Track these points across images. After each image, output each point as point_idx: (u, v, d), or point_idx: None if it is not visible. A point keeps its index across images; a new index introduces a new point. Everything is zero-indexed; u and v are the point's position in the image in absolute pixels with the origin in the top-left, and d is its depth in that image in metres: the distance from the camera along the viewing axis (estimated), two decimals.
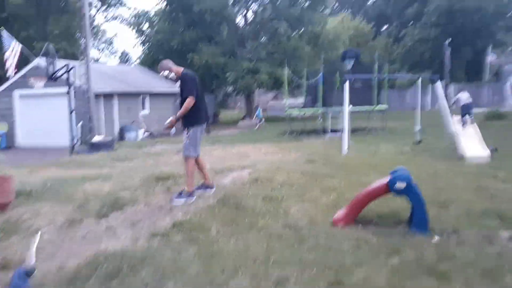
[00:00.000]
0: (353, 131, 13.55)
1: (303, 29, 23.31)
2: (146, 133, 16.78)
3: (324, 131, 13.50)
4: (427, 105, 28.62)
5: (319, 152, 9.31)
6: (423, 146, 9.69)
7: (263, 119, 20.00)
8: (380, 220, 4.22)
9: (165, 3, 23.54)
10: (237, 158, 8.69)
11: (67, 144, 11.96)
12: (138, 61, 31.00)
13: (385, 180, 4.05)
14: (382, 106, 14.03)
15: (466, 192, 5.40)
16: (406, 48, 31.07)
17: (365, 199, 4.11)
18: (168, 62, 5.07)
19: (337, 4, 41.73)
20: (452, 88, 27.36)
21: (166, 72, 4.98)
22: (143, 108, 18.03)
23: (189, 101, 4.75)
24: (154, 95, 18.48)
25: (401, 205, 4.32)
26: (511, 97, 25.55)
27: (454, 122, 9.10)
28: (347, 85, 9.77)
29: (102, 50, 31.06)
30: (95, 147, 11.55)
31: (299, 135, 13.71)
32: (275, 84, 21.94)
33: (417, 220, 3.92)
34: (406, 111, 19.45)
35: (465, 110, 9.89)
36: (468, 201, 4.89)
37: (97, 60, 30.95)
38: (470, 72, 29.52)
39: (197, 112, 4.88)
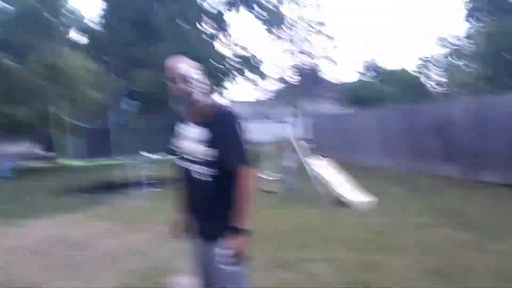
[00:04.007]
0: (168, 182, 11.44)
1: (30, 61, 18.80)
2: None
3: (130, 186, 10.61)
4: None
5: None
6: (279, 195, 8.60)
7: None
8: None
9: None
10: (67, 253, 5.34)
11: None
12: None
13: None
14: None
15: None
16: (142, 91, 30.06)
17: None
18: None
19: None
20: None
21: (189, 72, 2.16)
22: None
23: (252, 177, 2.11)
24: None
25: None
26: None
27: (313, 164, 8.47)
28: None
29: None
30: None
31: (91, 194, 10.28)
32: (11, 127, 16.71)
33: None
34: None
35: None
36: None
37: None
38: None
39: None
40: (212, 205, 2.16)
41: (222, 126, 2.12)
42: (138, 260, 4.71)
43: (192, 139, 2.18)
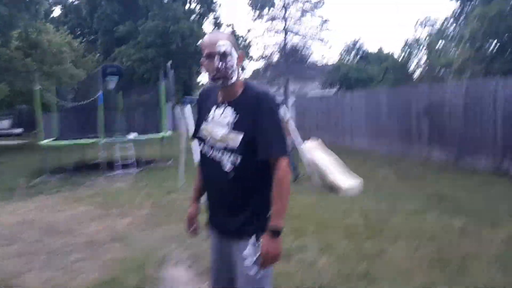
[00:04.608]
0: (148, 163, 11.12)
1: (13, 36, 17.94)
2: None
3: (111, 166, 10.23)
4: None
5: (168, 206, 6.54)
6: None
7: None
8: None
9: None
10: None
11: None
12: None
13: None
14: (168, 132, 11.95)
15: None
16: (126, 68, 29.30)
17: None
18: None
19: None
20: (178, 109, 27.47)
21: (229, 49, 1.83)
22: None
23: (287, 170, 1.81)
24: None
25: None
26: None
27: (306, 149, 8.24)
28: (189, 109, 7.43)
29: None
30: None
31: (70, 175, 9.87)
32: None
33: None
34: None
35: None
36: None
37: None
38: (188, 93, 30.59)
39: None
40: (242, 199, 1.89)
41: (259, 109, 1.81)
42: (124, 248, 4.44)
43: (221, 122, 1.88)
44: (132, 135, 10.94)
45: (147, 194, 7.53)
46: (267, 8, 27.25)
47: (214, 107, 1.93)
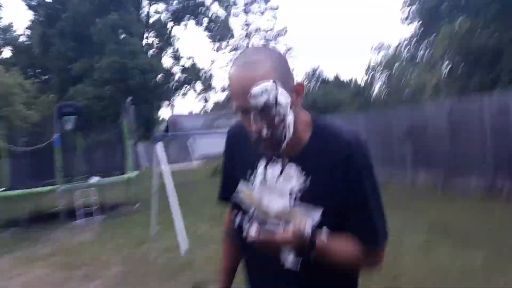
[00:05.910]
0: (113, 208, 10.06)
1: None
2: None
3: (71, 215, 9.11)
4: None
5: (142, 260, 5.62)
6: None
7: None
8: None
9: None
10: None
11: None
12: None
13: None
14: (134, 173, 10.96)
15: None
16: (83, 107, 27.96)
17: None
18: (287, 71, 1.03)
19: None
20: (141, 146, 26.34)
21: (273, 96, 0.93)
22: None
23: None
24: None
25: None
26: (193, 153, 27.07)
27: None
28: (160, 146, 6.60)
29: None
30: None
31: (24, 229, 8.69)
32: None
33: None
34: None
35: None
36: None
37: None
38: (149, 129, 29.63)
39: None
40: None
41: (352, 167, 1.06)
42: None
43: (280, 189, 1.10)
44: (94, 179, 9.90)
45: (116, 246, 6.57)
46: (227, 40, 27.13)
47: (262, 162, 1.14)
